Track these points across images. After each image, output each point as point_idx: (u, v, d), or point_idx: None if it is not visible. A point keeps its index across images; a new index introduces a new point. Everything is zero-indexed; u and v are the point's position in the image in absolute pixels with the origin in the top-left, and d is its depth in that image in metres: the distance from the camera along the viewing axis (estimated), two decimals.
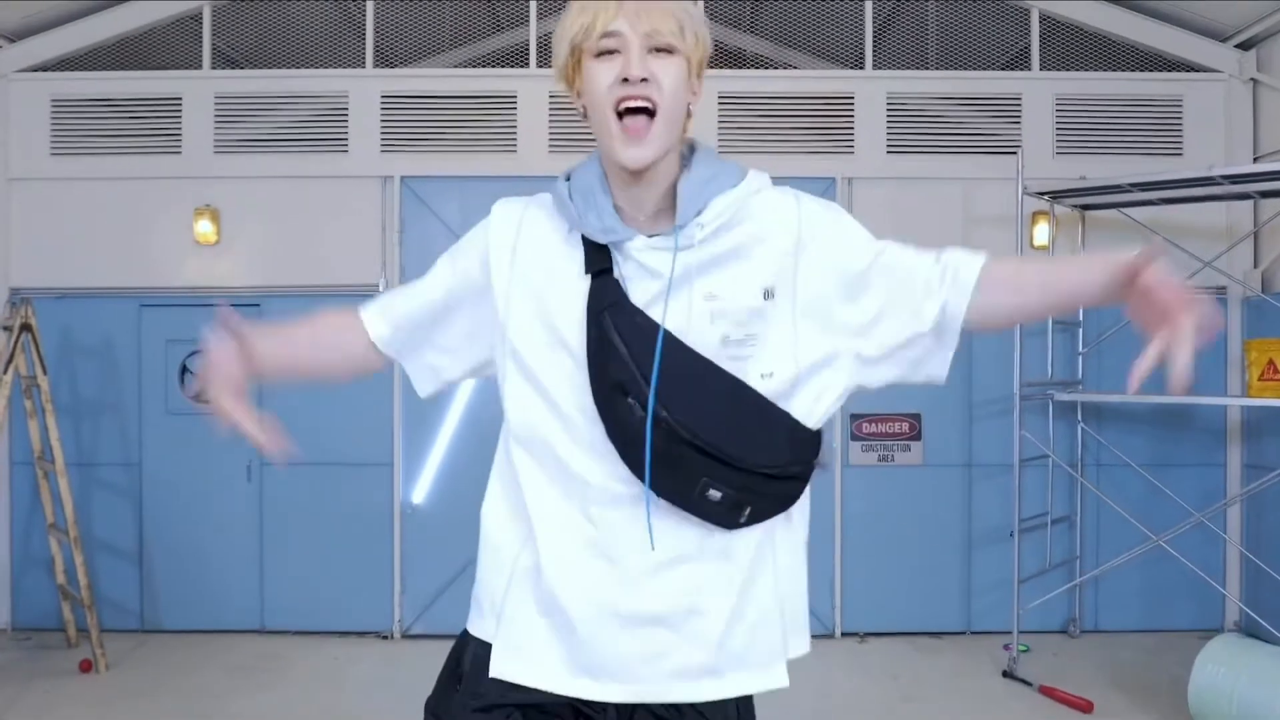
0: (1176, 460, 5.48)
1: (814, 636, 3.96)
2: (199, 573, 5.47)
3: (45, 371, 4.94)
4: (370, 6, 5.63)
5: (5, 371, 4.70)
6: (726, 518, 1.33)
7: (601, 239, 1.33)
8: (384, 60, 5.76)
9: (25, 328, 4.81)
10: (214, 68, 5.65)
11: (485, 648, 1.43)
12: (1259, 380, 4.53)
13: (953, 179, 5.58)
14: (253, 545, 5.48)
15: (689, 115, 1.38)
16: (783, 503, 1.37)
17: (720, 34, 5.84)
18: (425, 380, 1.54)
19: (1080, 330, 5.49)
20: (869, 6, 5.69)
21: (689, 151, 1.40)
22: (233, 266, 5.56)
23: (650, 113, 1.28)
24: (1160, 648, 5.11)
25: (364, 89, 5.60)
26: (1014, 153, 5.09)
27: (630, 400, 1.28)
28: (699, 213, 1.33)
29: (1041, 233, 5.47)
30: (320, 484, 5.45)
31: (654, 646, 1.35)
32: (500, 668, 1.40)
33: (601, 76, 1.29)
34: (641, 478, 1.30)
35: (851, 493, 5.52)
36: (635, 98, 1.27)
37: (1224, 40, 5.64)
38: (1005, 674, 4.73)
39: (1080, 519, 5.49)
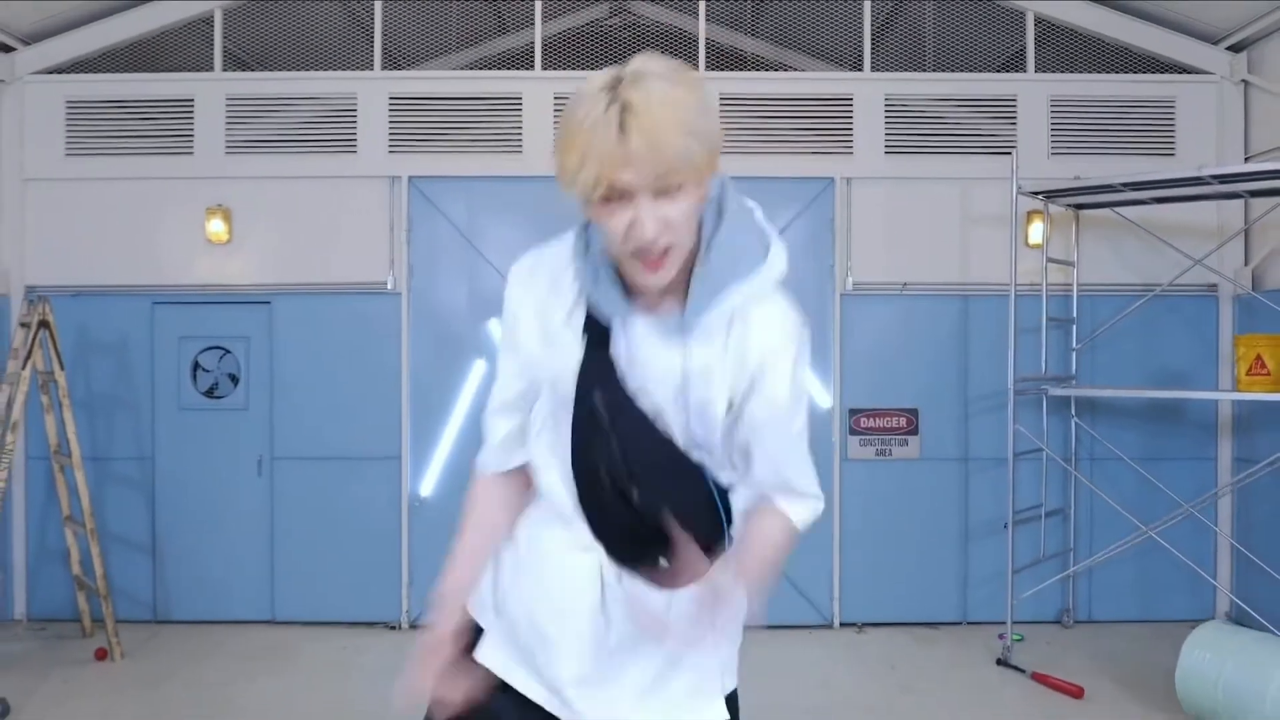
0: (1169, 454, 5.59)
1: (813, 627, 4.12)
2: (210, 564, 5.59)
3: (62, 367, 5.05)
4: (378, 9, 5.75)
5: (24, 367, 4.82)
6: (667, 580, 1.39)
7: (601, 318, 1.34)
8: (391, 62, 5.88)
9: (43, 324, 4.93)
10: (225, 70, 5.77)
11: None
12: (1247, 375, 4.63)
13: (950, 179, 5.69)
14: (263, 538, 5.60)
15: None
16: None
17: (720, 35, 5.96)
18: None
19: (1074, 327, 5.60)
20: (868, 8, 5.80)
21: (715, 212, 1.35)
22: (244, 265, 5.67)
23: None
24: (1152, 637, 5.22)
25: (372, 91, 5.71)
26: (1009, 153, 5.20)
27: (604, 476, 1.34)
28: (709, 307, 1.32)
29: (1036, 231, 5.58)
30: (329, 478, 5.57)
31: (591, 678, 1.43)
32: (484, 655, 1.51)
33: (612, 226, 1.25)
34: (605, 547, 1.39)
35: (850, 486, 5.63)
36: (652, 252, 1.25)
37: (1216, 43, 5.75)
38: (999, 662, 4.85)
39: (1074, 512, 5.60)
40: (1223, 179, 4.69)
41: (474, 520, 1.53)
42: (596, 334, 1.35)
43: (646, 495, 1.33)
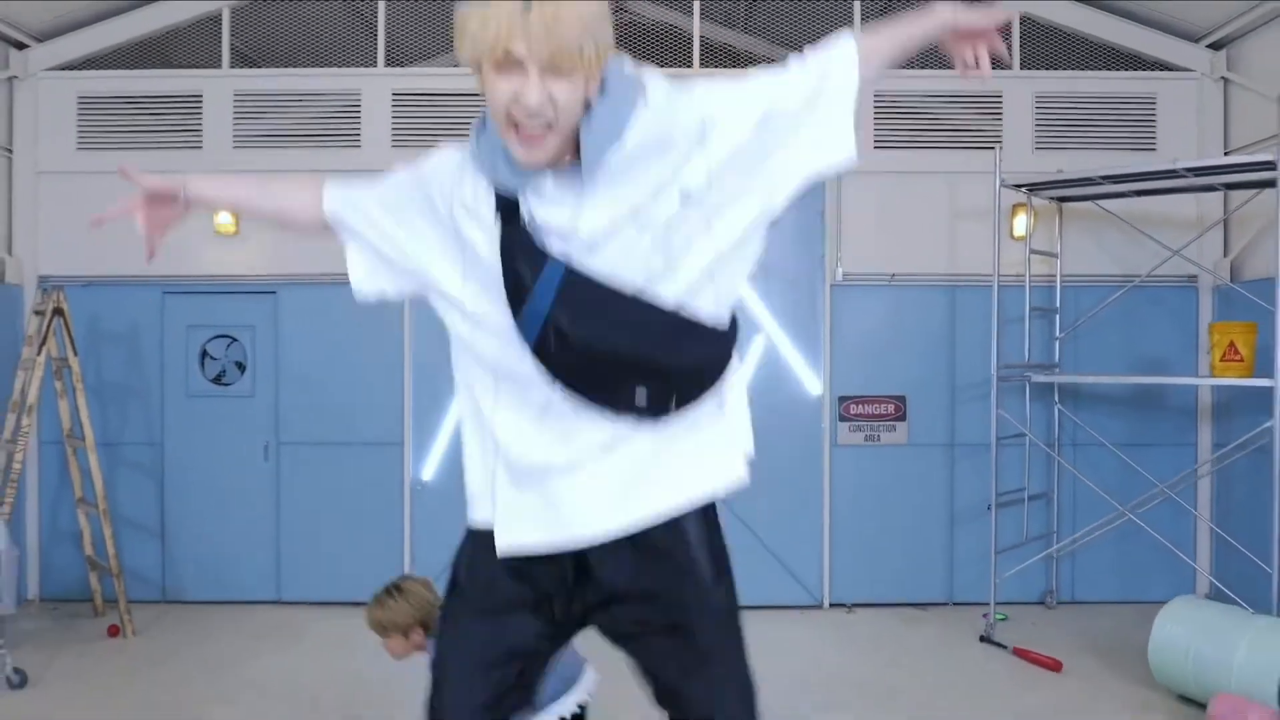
0: (1150, 441, 5.74)
1: (803, 607, 4.27)
2: (218, 546, 5.75)
3: (76, 353, 5.22)
4: (381, 7, 5.91)
5: (38, 353, 4.98)
6: (657, 410, 1.50)
7: (505, 191, 1.46)
8: (394, 60, 6.04)
9: (57, 312, 5.09)
10: (233, 67, 5.94)
11: (473, 547, 1.66)
12: (1221, 361, 4.79)
13: (937, 173, 5.85)
14: (269, 520, 5.76)
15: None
16: (706, 385, 1.54)
17: (714, 32, 6.12)
18: (362, 270, 1.74)
19: (1057, 317, 5.76)
20: (857, 6, 5.96)
21: (599, 90, 1.41)
22: (251, 256, 5.83)
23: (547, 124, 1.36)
24: (1132, 616, 5.37)
25: (375, 87, 5.88)
26: (994, 148, 5.36)
27: (548, 331, 1.44)
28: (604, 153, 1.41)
29: (1020, 224, 5.74)
30: (334, 463, 5.73)
31: (599, 484, 1.52)
32: (501, 539, 1.57)
33: (499, 90, 1.33)
34: (565, 388, 1.48)
35: (839, 471, 5.79)
36: (531, 125, 1.35)
37: (1196, 40, 5.91)
38: (982, 639, 5.01)
39: (1057, 495, 5.76)
40: (1197, 171, 4.84)
41: (283, 178, 1.87)
42: (508, 209, 1.46)
43: (586, 332, 1.42)
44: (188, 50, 5.97)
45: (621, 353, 1.44)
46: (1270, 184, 4.61)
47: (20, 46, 5.86)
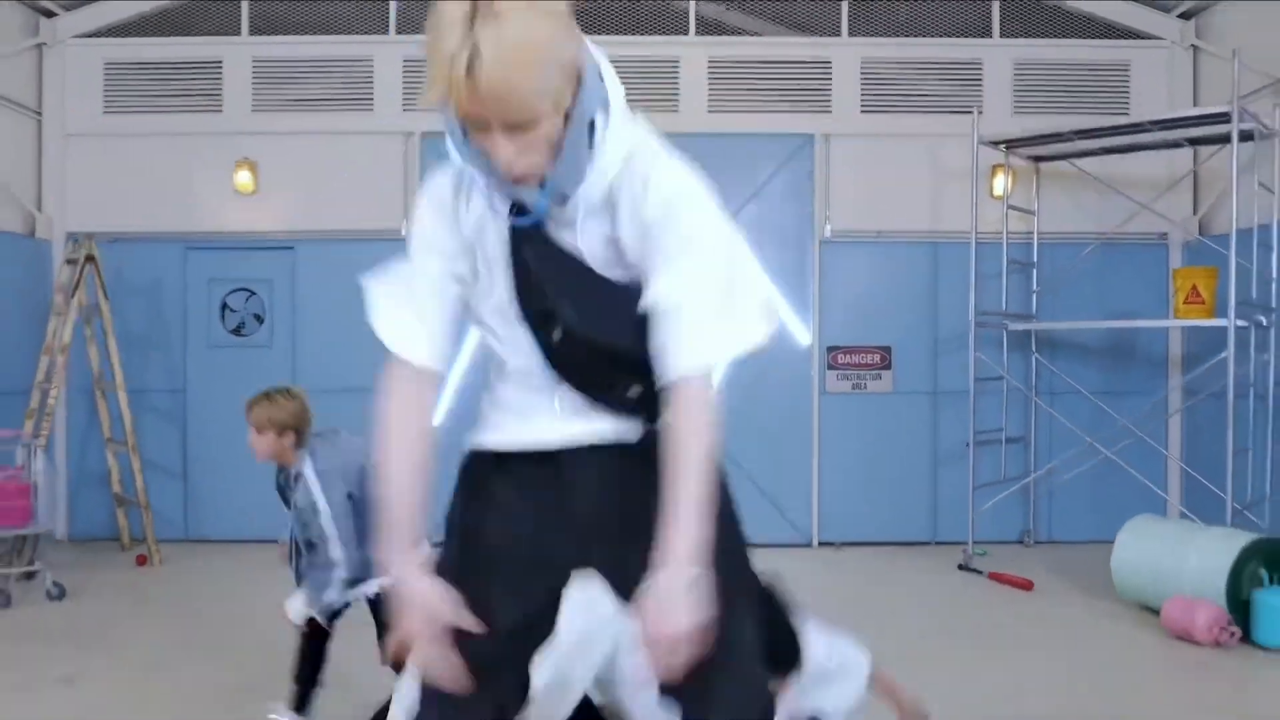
0: (1123, 389, 6.05)
1: (793, 546, 4.59)
2: (238, 488, 6.03)
3: (106, 297, 5.52)
4: None
5: (71, 298, 5.29)
6: (650, 411, 1.42)
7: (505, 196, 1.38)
8: (405, 28, 6.34)
9: (89, 259, 5.40)
10: (251, 34, 6.24)
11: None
12: (1184, 304, 5.11)
13: (921, 135, 6.16)
14: None
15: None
16: None
17: (709, 10, 6.42)
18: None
19: (1035, 271, 6.07)
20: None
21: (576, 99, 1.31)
22: (269, 213, 6.14)
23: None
24: (1105, 552, 5.64)
25: (387, 54, 6.18)
26: (955, 111, 5.66)
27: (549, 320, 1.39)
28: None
29: (999, 184, 6.04)
30: (347, 408, 5.99)
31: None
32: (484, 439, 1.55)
33: (478, 142, 1.28)
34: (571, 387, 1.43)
35: (828, 418, 6.10)
36: (508, 177, 1.30)
37: (1168, 11, 6.22)
38: (960, 567, 5.32)
39: (1034, 437, 6.08)
40: (1161, 124, 5.16)
41: (398, 440, 1.49)
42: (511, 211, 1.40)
43: (582, 322, 1.38)
44: (208, 18, 6.28)
45: (620, 349, 1.39)
46: (1227, 138, 4.93)
47: (49, 15, 6.16)
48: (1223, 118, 4.82)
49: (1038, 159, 6.02)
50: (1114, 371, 6.11)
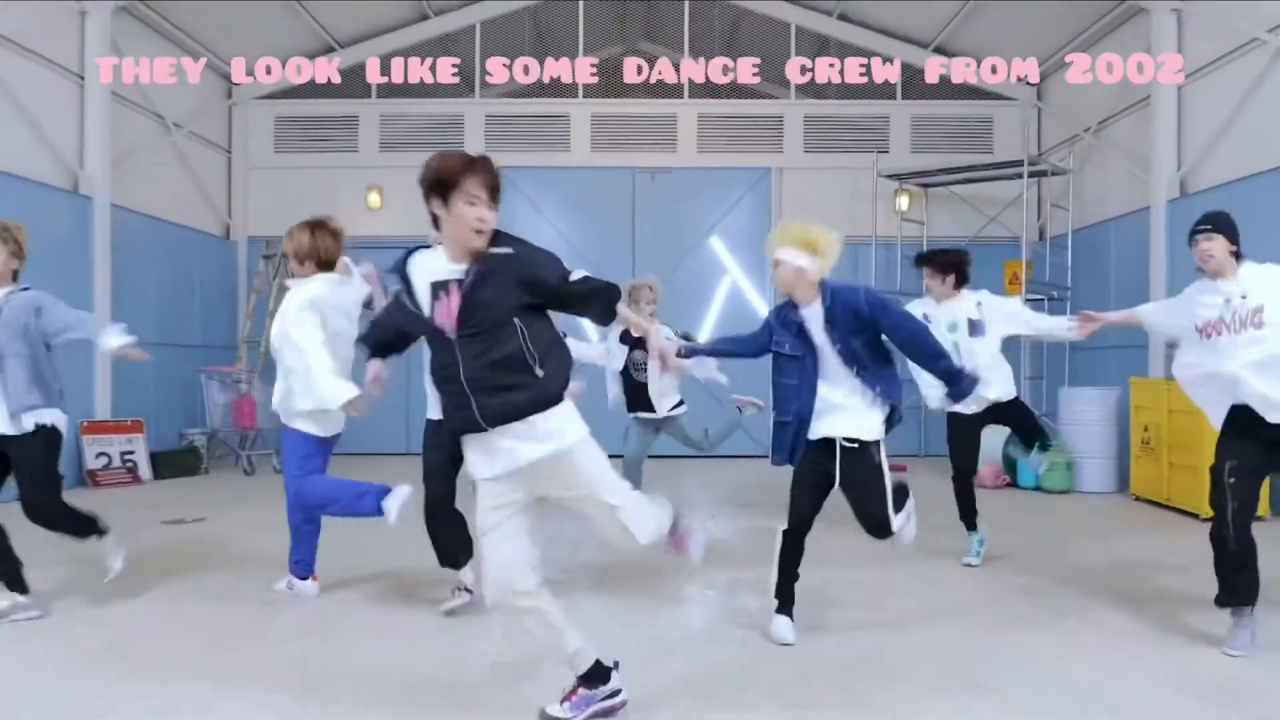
0: None
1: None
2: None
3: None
4: (477, 62, 8.88)
5: (274, 280, 7.97)
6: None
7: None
8: (485, 93, 9.01)
9: (284, 255, 8.07)
10: (378, 97, 8.91)
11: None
12: (1009, 284, 7.75)
13: (845, 168, 8.81)
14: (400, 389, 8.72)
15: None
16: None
17: (695, 69, 9.08)
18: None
19: None
20: (793, 54, 8.92)
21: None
22: (390, 223, 8.80)
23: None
24: None
25: (473, 110, 8.85)
26: (871, 152, 8.33)
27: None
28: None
29: (901, 203, 8.69)
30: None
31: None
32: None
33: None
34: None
35: None
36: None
37: (1020, 80, 8.86)
38: None
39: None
40: (996, 165, 7.82)
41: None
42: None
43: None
44: (348, 86, 8.95)
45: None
46: (1043, 174, 7.61)
47: (237, 83, 8.84)
48: (1016, 163, 7.50)
49: (925, 185, 8.68)
50: None
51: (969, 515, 4.30)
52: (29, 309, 3.32)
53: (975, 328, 4.16)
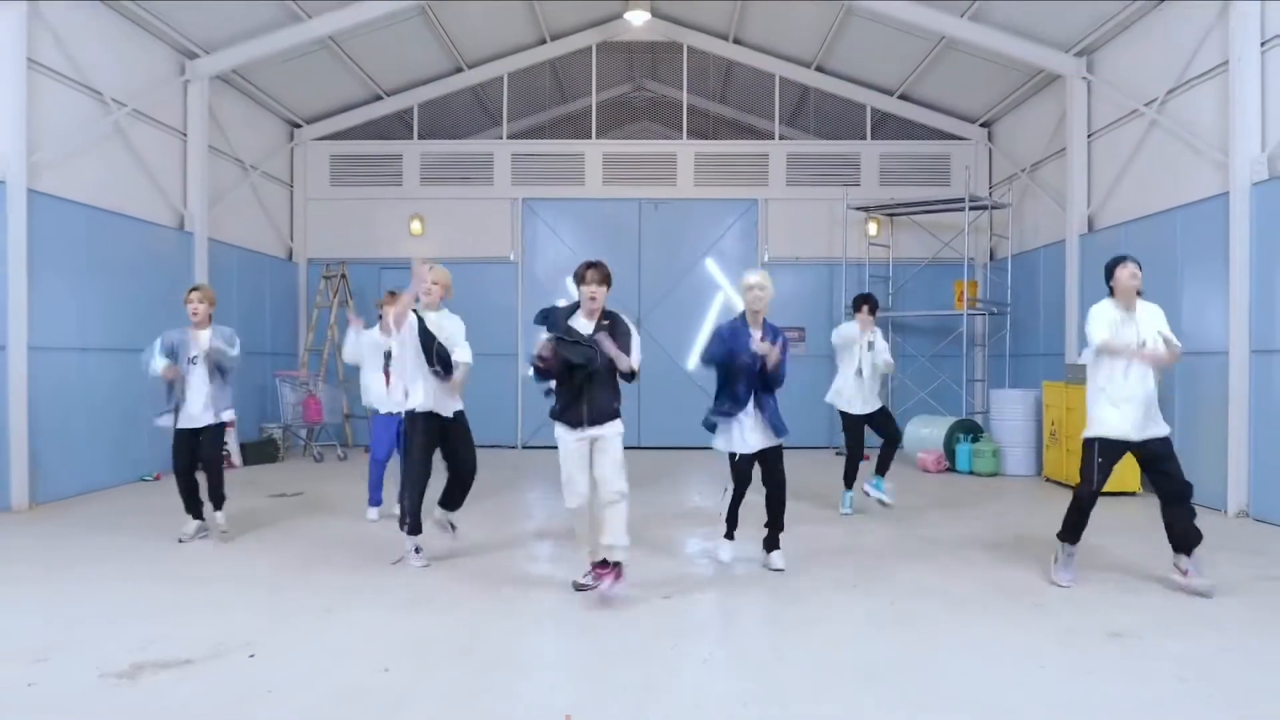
0: (943, 353, 10.06)
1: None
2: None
3: (351, 297, 9.64)
4: (505, 105, 10.29)
5: (334, 297, 9.40)
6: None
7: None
8: (513, 134, 10.43)
9: (342, 276, 9.51)
10: (419, 139, 10.34)
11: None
12: (959, 300, 9.15)
13: (822, 200, 10.22)
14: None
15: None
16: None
17: (697, 102, 10.49)
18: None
19: (889, 282, 10.14)
20: (776, 97, 10.31)
21: None
22: (431, 247, 10.21)
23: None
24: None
25: (501, 150, 10.28)
26: (843, 185, 9.74)
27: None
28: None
29: (871, 228, 10.09)
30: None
31: None
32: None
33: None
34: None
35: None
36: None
37: (974, 122, 10.25)
38: (838, 452, 9.37)
39: (890, 392, 10.14)
40: (947, 202, 9.21)
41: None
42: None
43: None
44: (393, 128, 10.39)
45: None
46: (983, 207, 9.02)
47: (298, 126, 10.28)
48: (959, 200, 8.89)
49: (891, 214, 10.08)
50: (936, 343, 10.15)
51: (849, 478, 6.21)
52: (229, 340, 5.04)
53: (873, 346, 5.94)
